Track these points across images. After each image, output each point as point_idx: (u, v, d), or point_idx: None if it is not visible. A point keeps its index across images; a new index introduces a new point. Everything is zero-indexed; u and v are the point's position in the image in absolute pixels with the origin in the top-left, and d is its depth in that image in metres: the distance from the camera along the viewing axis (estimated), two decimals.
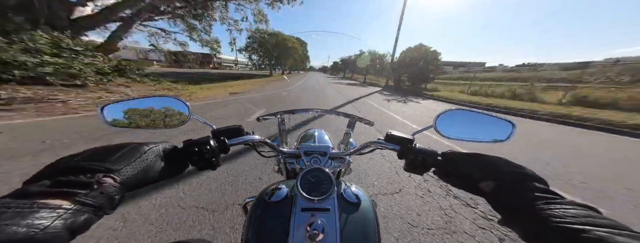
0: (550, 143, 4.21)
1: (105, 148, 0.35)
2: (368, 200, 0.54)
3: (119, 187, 0.31)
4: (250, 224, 0.49)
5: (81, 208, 0.26)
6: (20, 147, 2.52)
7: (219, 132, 0.53)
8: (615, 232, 0.24)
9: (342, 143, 0.95)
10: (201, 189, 1.91)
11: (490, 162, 0.41)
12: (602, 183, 2.53)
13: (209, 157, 0.44)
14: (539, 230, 0.29)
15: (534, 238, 0.30)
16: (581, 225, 0.26)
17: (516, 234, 0.32)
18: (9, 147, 2.51)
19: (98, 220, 0.29)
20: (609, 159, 3.41)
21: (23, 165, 2.13)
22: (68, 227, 0.24)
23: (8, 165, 2.11)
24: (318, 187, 0.49)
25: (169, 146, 0.43)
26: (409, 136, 0.54)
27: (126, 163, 0.34)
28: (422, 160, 0.48)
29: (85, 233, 0.27)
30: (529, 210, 0.31)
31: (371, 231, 0.47)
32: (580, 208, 0.29)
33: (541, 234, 0.28)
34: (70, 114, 4.09)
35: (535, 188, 0.34)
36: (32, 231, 0.21)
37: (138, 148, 0.37)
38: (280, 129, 0.90)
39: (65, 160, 0.31)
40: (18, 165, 2.12)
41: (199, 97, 7.27)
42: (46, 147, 2.58)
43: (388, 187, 2.16)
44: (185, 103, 0.56)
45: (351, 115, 0.89)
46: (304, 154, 0.67)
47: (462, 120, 0.56)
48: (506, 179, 0.37)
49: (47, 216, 0.23)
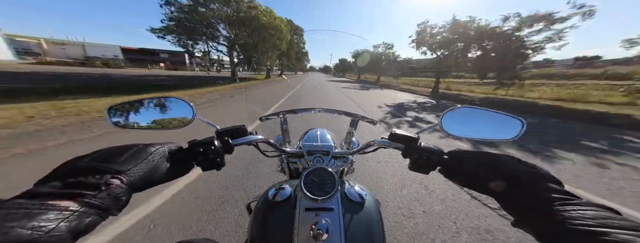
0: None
1: (114, 150, 0.36)
2: (372, 199, 0.54)
3: (126, 188, 0.31)
4: (255, 224, 0.49)
5: (88, 210, 0.26)
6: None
7: (223, 133, 0.53)
8: (637, 235, 0.23)
9: (345, 142, 0.94)
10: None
11: (501, 160, 0.40)
12: None
13: (213, 157, 0.44)
14: (556, 233, 0.28)
15: (550, 241, 0.29)
16: (601, 227, 0.25)
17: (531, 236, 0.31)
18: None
19: (103, 222, 0.29)
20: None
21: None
22: (72, 230, 0.24)
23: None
24: (322, 187, 0.49)
25: (175, 147, 0.43)
26: (414, 135, 0.53)
27: (133, 164, 0.34)
28: (427, 159, 0.47)
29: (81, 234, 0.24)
30: (544, 211, 0.30)
31: (375, 230, 0.47)
32: (598, 210, 0.28)
33: (559, 237, 0.27)
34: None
35: (549, 188, 0.33)
36: (36, 234, 0.21)
37: (145, 149, 0.37)
38: (283, 129, 0.90)
39: (75, 162, 0.32)
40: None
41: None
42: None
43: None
44: (189, 104, 0.56)
45: (354, 114, 0.88)
46: (307, 154, 0.67)
47: (468, 118, 0.55)
48: (518, 179, 0.36)
49: (54, 218, 0.23)
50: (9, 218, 0.21)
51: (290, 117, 0.92)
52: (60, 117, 4.08)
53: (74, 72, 21.81)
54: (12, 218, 0.21)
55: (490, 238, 1.54)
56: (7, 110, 4.04)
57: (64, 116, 4.11)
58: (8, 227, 0.20)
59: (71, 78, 14.47)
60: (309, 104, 7.54)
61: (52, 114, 4.14)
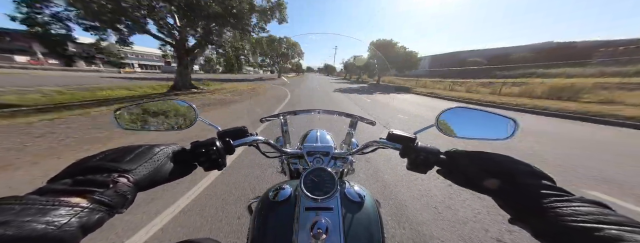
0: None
1: (121, 150, 0.37)
2: (371, 199, 0.54)
3: (132, 186, 0.32)
4: (256, 224, 0.50)
5: (97, 207, 0.27)
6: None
7: (225, 134, 0.54)
8: (628, 229, 0.24)
9: (345, 143, 0.95)
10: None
11: (495, 160, 0.40)
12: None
13: (215, 157, 0.45)
14: (551, 229, 0.28)
15: (546, 238, 0.29)
16: (594, 223, 0.26)
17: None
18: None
19: (109, 219, 0.30)
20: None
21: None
22: (82, 225, 0.26)
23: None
24: (321, 187, 0.49)
25: (178, 148, 0.44)
26: (411, 135, 0.54)
27: (139, 163, 0.35)
28: (424, 159, 0.48)
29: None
30: (538, 208, 0.31)
31: (375, 230, 0.48)
32: (591, 206, 0.29)
33: (554, 233, 0.28)
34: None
35: (542, 185, 0.34)
36: (49, 228, 0.23)
37: (150, 149, 0.39)
38: (283, 130, 0.91)
39: (85, 161, 0.33)
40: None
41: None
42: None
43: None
44: (192, 105, 0.57)
45: (353, 115, 0.89)
46: (307, 154, 0.68)
47: (464, 118, 0.56)
48: (513, 177, 0.36)
49: (66, 214, 0.25)
50: (24, 213, 0.22)
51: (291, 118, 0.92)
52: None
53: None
54: (26, 214, 0.22)
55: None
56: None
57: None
58: (23, 222, 0.22)
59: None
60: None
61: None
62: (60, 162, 2.65)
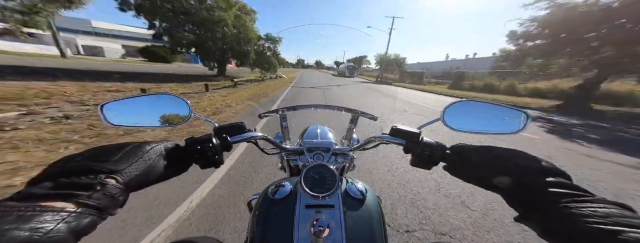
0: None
1: (107, 148, 0.35)
2: (373, 196, 0.53)
3: (122, 188, 0.30)
4: (256, 221, 0.49)
5: (85, 211, 0.26)
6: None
7: (221, 130, 0.52)
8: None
9: (345, 139, 0.93)
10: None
11: (505, 155, 0.38)
12: None
13: (211, 154, 0.43)
14: (566, 231, 0.26)
15: (557, 238, 0.28)
16: (615, 226, 0.24)
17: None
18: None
19: (102, 222, 0.28)
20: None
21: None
22: (72, 230, 0.24)
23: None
24: (322, 184, 0.48)
25: (171, 145, 0.42)
26: (415, 130, 0.52)
27: (128, 163, 0.33)
28: (429, 155, 0.46)
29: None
30: (551, 208, 0.29)
31: (377, 227, 0.47)
32: (611, 207, 0.27)
33: (568, 235, 0.26)
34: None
35: (557, 183, 0.32)
36: (35, 235, 0.21)
37: (140, 147, 0.36)
38: (283, 126, 0.89)
39: (67, 161, 0.31)
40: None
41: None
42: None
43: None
44: (186, 101, 0.55)
45: (354, 110, 0.87)
46: (307, 151, 0.67)
47: (471, 112, 0.54)
48: (523, 174, 0.34)
49: (51, 219, 0.23)
50: (2, 221, 0.21)
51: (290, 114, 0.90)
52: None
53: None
54: (5, 221, 0.21)
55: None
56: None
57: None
58: (4, 229, 0.20)
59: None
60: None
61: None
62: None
